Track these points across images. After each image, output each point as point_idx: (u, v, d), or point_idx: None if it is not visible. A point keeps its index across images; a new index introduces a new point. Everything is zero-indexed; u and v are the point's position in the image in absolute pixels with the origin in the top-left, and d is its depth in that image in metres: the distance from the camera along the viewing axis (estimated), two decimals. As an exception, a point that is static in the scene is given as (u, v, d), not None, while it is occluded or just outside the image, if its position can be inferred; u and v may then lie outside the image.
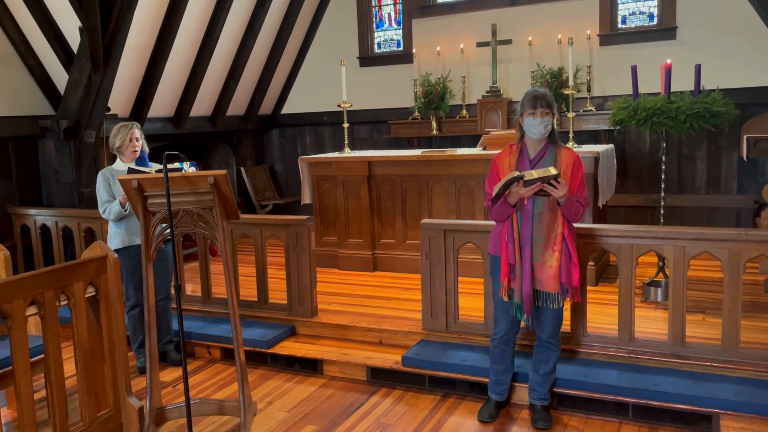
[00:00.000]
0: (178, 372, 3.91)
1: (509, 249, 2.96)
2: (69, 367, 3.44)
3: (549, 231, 2.92)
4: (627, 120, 4.19)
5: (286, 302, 4.34)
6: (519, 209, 2.95)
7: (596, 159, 4.68)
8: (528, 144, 2.99)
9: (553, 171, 2.78)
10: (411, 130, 7.27)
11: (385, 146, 7.45)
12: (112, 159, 4.77)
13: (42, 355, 2.95)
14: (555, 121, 2.97)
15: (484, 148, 5.41)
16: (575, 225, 3.17)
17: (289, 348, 4.03)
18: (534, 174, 2.79)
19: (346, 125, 5.88)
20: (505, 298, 3.02)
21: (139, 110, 6.13)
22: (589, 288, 3.78)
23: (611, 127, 4.75)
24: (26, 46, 5.36)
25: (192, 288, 5.07)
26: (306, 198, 5.81)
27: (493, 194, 2.89)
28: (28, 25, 5.28)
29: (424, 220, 3.87)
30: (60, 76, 5.46)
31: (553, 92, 6.25)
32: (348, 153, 5.81)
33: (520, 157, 2.99)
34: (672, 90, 4.24)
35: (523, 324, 3.12)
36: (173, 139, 6.89)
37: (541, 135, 2.93)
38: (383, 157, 5.52)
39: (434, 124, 7.03)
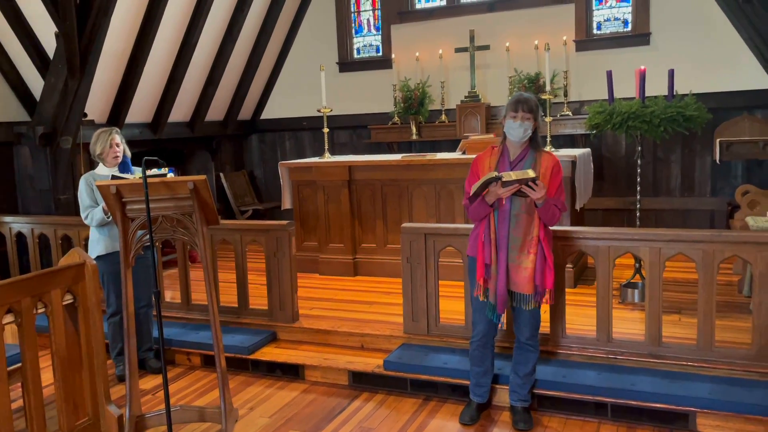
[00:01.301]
0: (157, 379, 3.87)
1: (485, 249, 2.98)
2: (47, 376, 3.39)
3: (525, 233, 2.95)
4: (603, 124, 4.26)
5: (266, 308, 4.32)
6: (496, 209, 2.97)
7: (573, 163, 4.74)
8: (509, 146, 3.02)
9: (531, 174, 2.81)
10: (391, 135, 7.29)
11: (365, 151, 7.46)
12: (90, 165, 4.72)
13: (19, 364, 2.91)
14: (536, 126, 2.99)
15: (464, 153, 5.45)
16: (552, 228, 3.21)
17: (270, 354, 4.01)
18: (512, 175, 2.81)
19: (326, 130, 5.88)
20: (481, 298, 3.04)
21: (116, 116, 6.07)
22: (567, 290, 3.83)
23: (588, 131, 4.81)
24: (0, 51, 5.28)
25: (172, 294, 5.02)
26: (286, 203, 5.80)
27: (471, 193, 2.91)
28: (2, 30, 5.21)
29: (405, 224, 3.89)
30: (35, 82, 5.38)
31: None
32: (328, 158, 5.81)
33: (500, 159, 3.01)
34: (646, 95, 4.30)
35: (500, 327, 3.15)
36: (151, 145, 6.84)
37: (519, 139, 2.96)
38: (363, 161, 5.54)
39: (414, 129, 7.06)
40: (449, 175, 5.20)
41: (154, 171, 6.46)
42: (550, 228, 3.09)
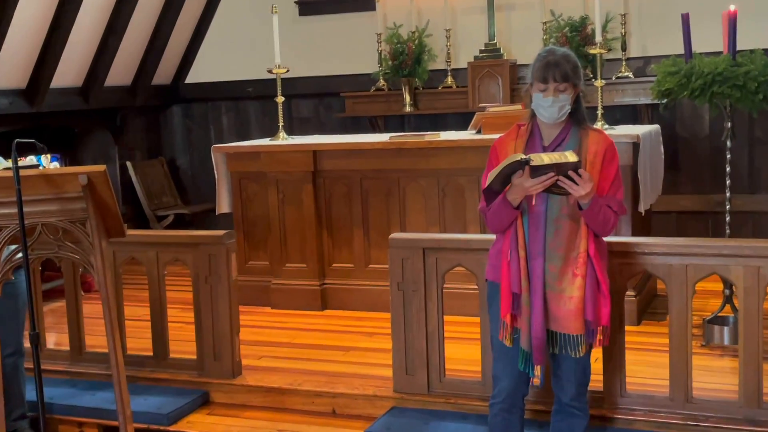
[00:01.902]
0: (35, 463, 3.83)
1: (512, 272, 2.97)
2: None
3: (569, 247, 2.94)
4: (677, 90, 4.30)
5: (195, 357, 4.31)
6: (525, 213, 2.98)
7: (635, 146, 4.77)
8: (542, 125, 3.03)
9: (571, 157, 2.79)
10: (374, 106, 7.28)
11: (337, 129, 7.45)
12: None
13: None
14: (579, 94, 2.99)
15: (478, 131, 5.47)
16: (605, 239, 3.22)
17: (200, 424, 3.99)
18: (544, 158, 2.79)
19: (280, 99, 5.85)
20: (508, 343, 3.03)
21: (-27, 79, 6.04)
22: (628, 328, 3.84)
23: (655, 101, 4.85)
24: None
25: (56, 339, 4.98)
26: (223, 206, 5.79)
27: (486, 186, 2.92)
28: None
29: (395, 235, 3.89)
30: None
31: (573, 50, 6.34)
32: (284, 139, 5.80)
33: (529, 142, 3.01)
34: (738, 48, 4.35)
35: (536, 381, 3.15)
36: (28, 121, 6.78)
37: (553, 119, 2.97)
38: (335, 144, 5.53)
39: (407, 98, 7.07)
40: (458, 163, 5.22)
41: (30, 159, 6.43)
42: (604, 239, 3.11)
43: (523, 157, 2.81)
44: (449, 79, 7.09)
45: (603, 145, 3.00)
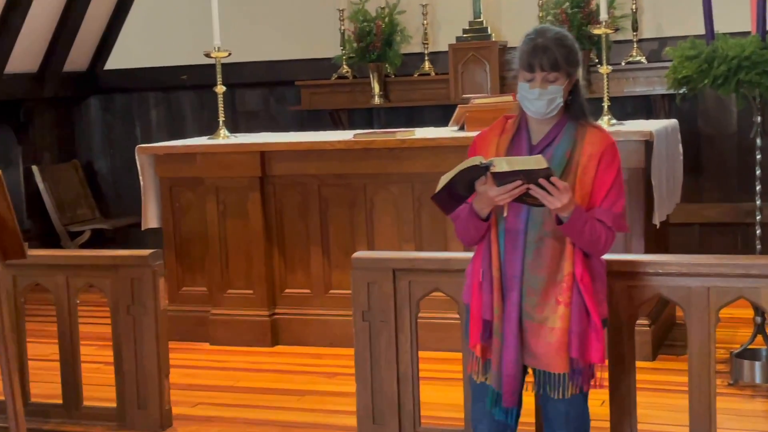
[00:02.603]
0: None
1: (483, 295, 2.97)
2: None
3: (552, 269, 2.94)
4: (696, 78, 4.33)
5: (114, 405, 4.26)
6: (502, 226, 2.98)
7: (648, 145, 4.81)
8: (531, 120, 3.03)
9: (538, 163, 2.77)
10: (336, 97, 7.31)
11: (291, 125, 7.47)
12: None
13: None
14: (574, 84, 2.98)
15: (462, 128, 5.48)
16: (608, 258, 3.23)
17: (121, 487, 3.96)
18: (505, 164, 2.76)
19: (220, 89, 5.82)
20: (477, 378, 3.04)
21: None
22: (640, 364, 3.84)
23: (671, 90, 4.90)
24: None
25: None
26: (150, 219, 5.78)
27: (437, 192, 2.89)
28: None
29: (359, 254, 3.89)
30: None
31: (575, 32, 6.41)
32: (226, 138, 5.79)
33: (515, 139, 3.02)
34: (769, 28, 4.41)
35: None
36: None
37: (540, 114, 2.96)
38: (288, 144, 5.53)
39: (376, 87, 7.09)
40: (437, 166, 5.13)
41: None
42: (598, 260, 3.11)
43: (482, 161, 2.79)
44: (426, 65, 7.12)
45: (600, 147, 2.99)
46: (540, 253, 2.95)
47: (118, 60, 8.08)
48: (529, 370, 3.04)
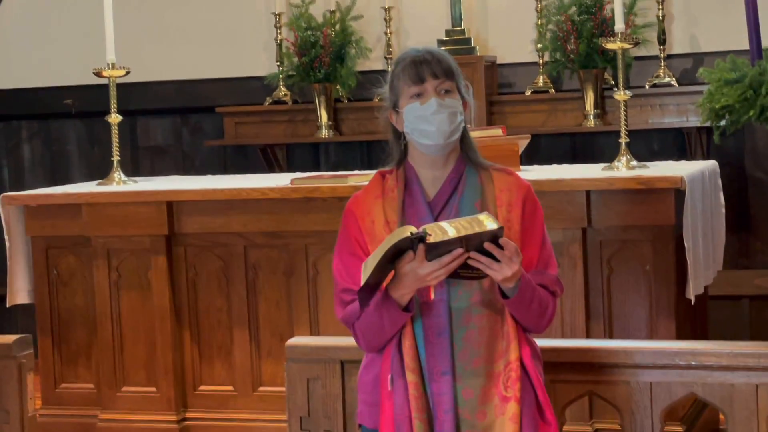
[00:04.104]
0: None
1: (396, 408, 2.93)
2: None
3: (491, 356, 2.96)
4: (740, 108, 4.38)
5: None
6: (417, 315, 2.98)
7: (679, 194, 4.85)
8: (419, 168, 3.10)
9: (489, 222, 2.81)
10: (270, 129, 7.35)
11: (210, 166, 7.48)
12: None
13: None
14: (467, 110, 3.08)
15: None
16: (617, 346, 3.26)
17: None
18: (448, 230, 2.80)
19: (115, 119, 5.82)
20: None
21: None
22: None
23: (708, 123, 4.95)
24: None
25: None
26: (18, 292, 5.73)
27: (363, 281, 2.87)
28: None
29: (295, 340, 3.89)
30: None
31: (583, 43, 6.52)
32: (122, 183, 5.79)
33: (408, 199, 3.07)
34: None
35: None
36: None
37: (443, 137, 3.00)
38: (204, 192, 5.53)
39: (323, 116, 7.13)
40: (401, 222, 5.25)
41: None
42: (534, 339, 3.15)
43: (414, 231, 2.81)
44: (389, 86, 7.18)
45: (518, 193, 3.06)
46: (472, 338, 2.97)
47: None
48: None
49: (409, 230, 2.81)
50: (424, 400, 2.96)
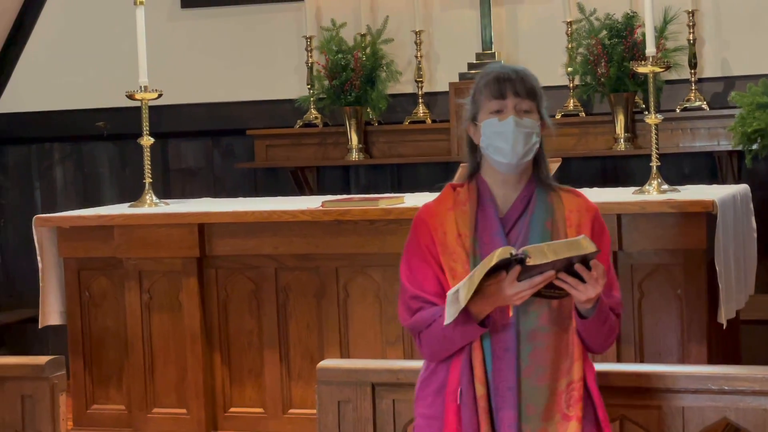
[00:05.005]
0: None
1: (464, 424, 2.96)
2: None
3: (555, 374, 2.98)
4: (770, 132, 4.39)
5: None
6: (487, 331, 3.00)
7: (710, 218, 4.84)
8: (492, 183, 3.11)
9: (588, 246, 2.83)
10: (301, 151, 7.36)
11: (241, 189, 7.50)
12: None
13: None
14: (542, 129, 3.09)
15: (464, 193, 5.52)
16: (645, 370, 3.26)
17: None
18: (548, 253, 2.81)
19: (147, 141, 5.85)
20: None
21: None
22: None
23: (740, 147, 4.94)
24: None
25: None
26: (50, 314, 5.75)
27: (462, 304, 2.88)
28: None
29: (326, 363, 3.88)
30: None
31: (614, 66, 6.52)
32: (153, 205, 5.82)
33: (480, 214, 3.08)
34: None
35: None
36: None
37: (517, 156, 3.03)
38: (236, 214, 5.54)
39: (354, 139, 7.14)
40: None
41: None
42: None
43: (514, 253, 2.83)
44: (420, 110, 7.17)
45: (587, 215, 3.09)
46: (538, 355, 2.99)
47: (11, 102, 8.09)
48: None
49: (509, 251, 2.83)
50: (490, 416, 2.98)
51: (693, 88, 6.69)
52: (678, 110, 6.62)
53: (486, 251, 2.88)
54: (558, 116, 6.88)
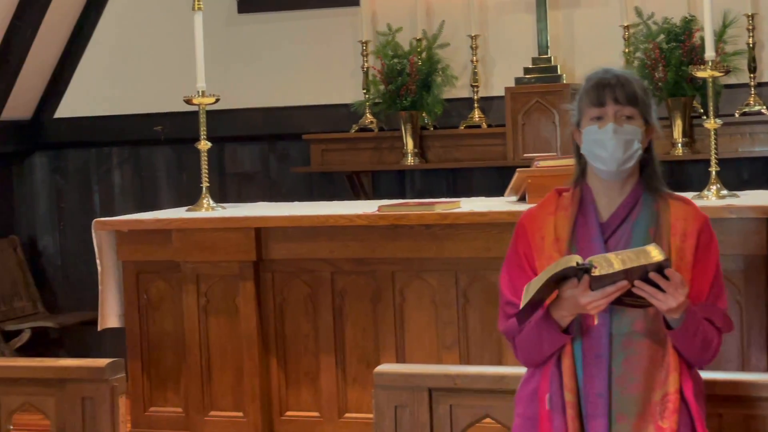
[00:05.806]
0: None
1: (554, 428, 2.96)
2: None
3: (649, 384, 2.94)
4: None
5: None
6: (577, 335, 2.99)
7: (772, 223, 4.80)
8: (596, 189, 3.10)
9: (656, 254, 2.81)
10: (357, 155, 7.36)
11: (297, 193, 7.49)
12: None
13: None
14: (651, 137, 3.09)
15: (522, 198, 5.48)
16: (719, 378, 3.22)
17: None
18: (614, 262, 2.80)
19: (204, 145, 5.88)
20: None
21: None
22: None
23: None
24: None
25: None
26: (109, 317, 5.79)
27: (522, 304, 2.90)
28: None
29: (383, 368, 3.88)
30: None
31: (672, 71, 6.47)
32: (210, 209, 5.84)
33: (580, 218, 3.07)
34: None
35: None
36: None
37: (616, 163, 3.01)
38: (292, 218, 5.55)
39: (409, 143, 7.13)
40: (489, 250, 5.20)
41: None
42: (700, 372, 3.11)
43: (580, 262, 2.82)
44: (476, 114, 7.15)
45: (695, 224, 3.05)
46: (631, 364, 2.96)
47: (70, 107, 8.16)
48: None
49: (575, 260, 2.83)
50: (579, 422, 2.96)
51: (752, 92, 6.62)
52: (737, 115, 6.56)
53: (583, 257, 2.86)
54: (615, 121, 6.84)
